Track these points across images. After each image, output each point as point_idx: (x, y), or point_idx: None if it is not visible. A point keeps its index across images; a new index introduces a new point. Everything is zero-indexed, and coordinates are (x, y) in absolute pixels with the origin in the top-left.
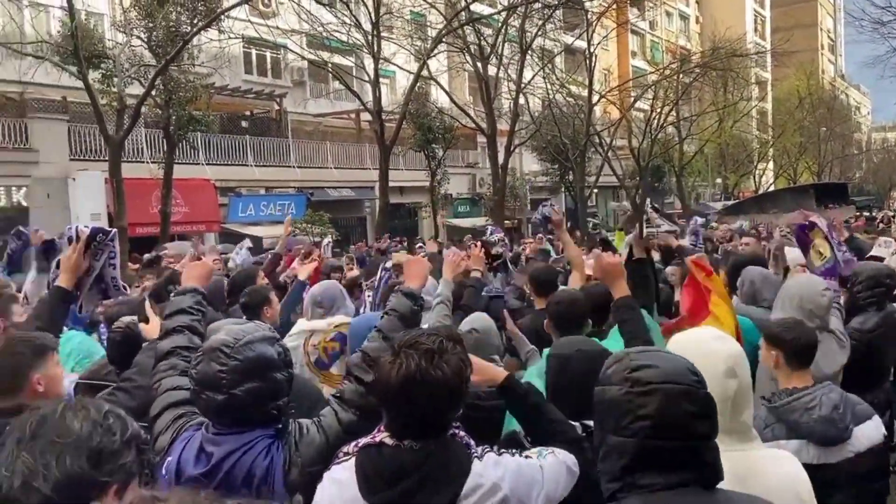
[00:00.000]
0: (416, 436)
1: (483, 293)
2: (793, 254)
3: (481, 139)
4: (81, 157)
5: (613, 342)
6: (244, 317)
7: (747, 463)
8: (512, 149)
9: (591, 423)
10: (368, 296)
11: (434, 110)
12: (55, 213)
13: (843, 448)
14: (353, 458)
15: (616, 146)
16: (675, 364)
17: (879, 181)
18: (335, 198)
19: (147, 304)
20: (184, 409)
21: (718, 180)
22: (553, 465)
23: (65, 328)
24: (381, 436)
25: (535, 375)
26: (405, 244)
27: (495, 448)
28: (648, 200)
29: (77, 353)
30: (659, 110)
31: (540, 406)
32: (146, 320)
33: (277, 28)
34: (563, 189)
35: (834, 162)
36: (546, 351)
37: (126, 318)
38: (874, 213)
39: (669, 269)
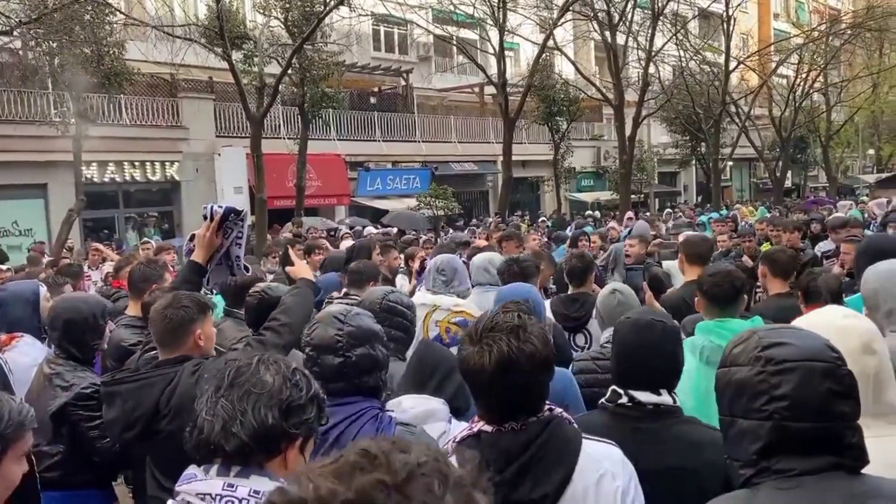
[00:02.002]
0: (515, 417)
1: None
2: None
3: (607, 111)
4: (226, 134)
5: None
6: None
7: None
8: (640, 120)
9: (636, 394)
10: None
11: (559, 82)
12: (203, 186)
13: None
14: (454, 456)
15: (754, 115)
16: (812, 341)
17: None
18: (458, 172)
19: (291, 250)
20: None
21: (871, 151)
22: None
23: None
24: (478, 426)
25: (694, 354)
26: (526, 218)
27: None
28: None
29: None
30: (804, 76)
31: None
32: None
33: (406, 3)
34: (693, 161)
35: None
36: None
37: (261, 284)
38: None
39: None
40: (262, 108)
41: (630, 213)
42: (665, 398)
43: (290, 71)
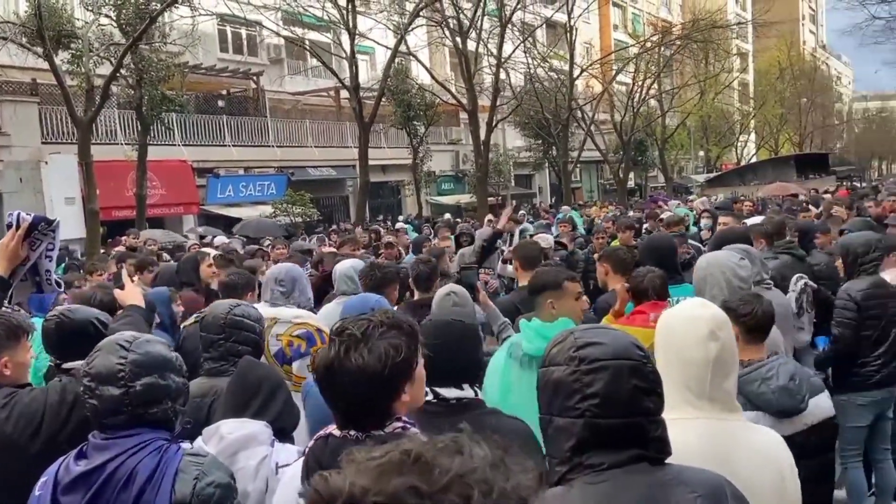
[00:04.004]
0: (356, 425)
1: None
2: None
3: (463, 115)
4: (54, 140)
5: None
6: None
7: (728, 433)
8: (494, 124)
9: (441, 390)
10: None
11: (414, 87)
12: (28, 198)
13: (798, 420)
14: (300, 462)
15: (599, 120)
16: (621, 340)
17: (861, 151)
18: (316, 177)
19: (124, 270)
20: None
21: (701, 153)
22: None
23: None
24: (331, 427)
25: (504, 350)
26: (388, 223)
27: None
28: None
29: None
30: (640, 83)
31: None
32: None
33: (250, 4)
34: (546, 164)
35: (815, 133)
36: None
37: (59, 308)
38: (854, 184)
39: None
40: (91, 111)
41: (490, 216)
42: (468, 392)
43: (125, 72)
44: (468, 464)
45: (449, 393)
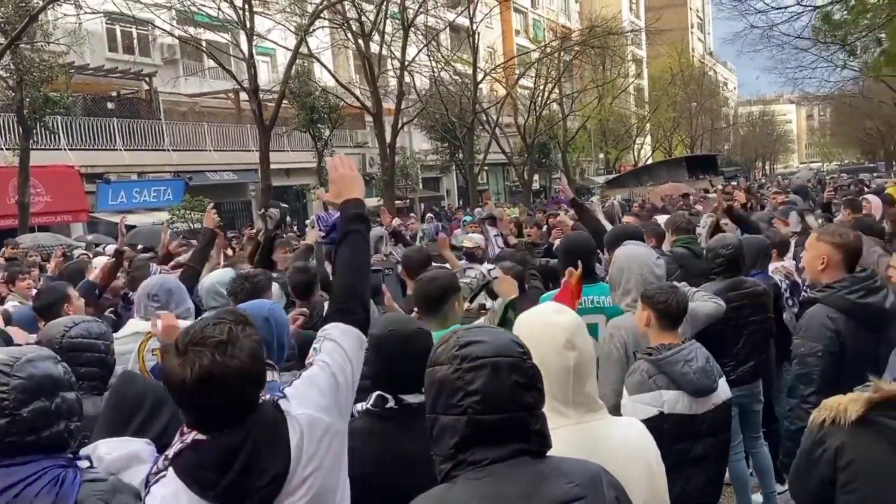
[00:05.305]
0: (227, 425)
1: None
2: None
3: (369, 118)
4: None
5: None
6: None
7: (594, 433)
8: (399, 127)
9: (405, 397)
10: None
11: (317, 89)
12: None
13: (709, 399)
14: (169, 471)
15: (503, 123)
16: (501, 338)
17: (746, 152)
18: (216, 181)
19: None
20: None
21: (601, 155)
22: (333, 349)
23: None
24: (191, 436)
25: None
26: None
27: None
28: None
29: None
30: (542, 87)
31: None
32: None
33: (140, 2)
34: (453, 167)
35: (704, 135)
36: None
37: None
38: (740, 182)
39: None
40: None
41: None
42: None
43: (3, 73)
44: None
45: (413, 399)
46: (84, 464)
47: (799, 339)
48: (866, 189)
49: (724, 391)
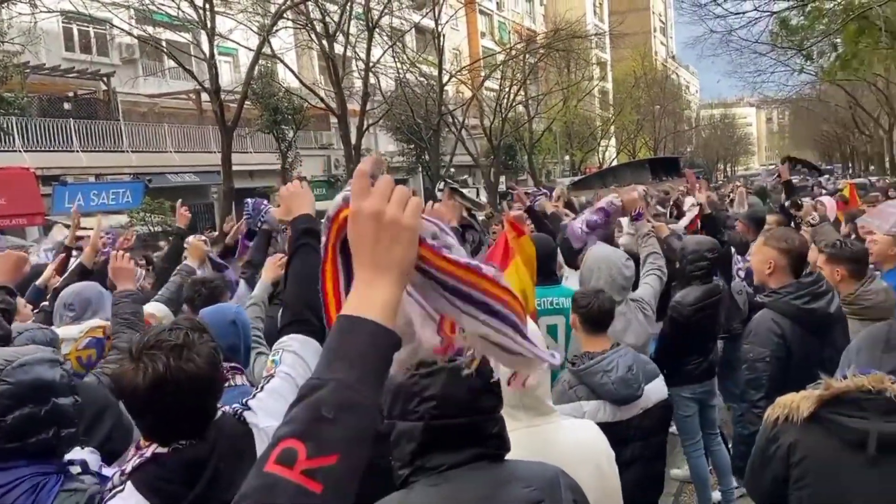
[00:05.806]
0: (187, 435)
1: None
2: None
3: (334, 120)
4: None
5: None
6: None
7: (544, 436)
8: (364, 129)
9: None
10: None
11: (281, 90)
12: None
13: (635, 405)
14: (128, 485)
15: (469, 125)
16: None
17: (708, 154)
18: (177, 183)
19: None
20: None
21: (567, 157)
22: (294, 361)
23: None
24: (150, 450)
25: None
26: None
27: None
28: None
29: None
30: (508, 90)
31: None
32: None
33: (98, 1)
34: (419, 169)
35: (668, 138)
36: None
37: None
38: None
39: None
40: None
41: None
42: None
43: None
44: None
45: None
46: (76, 469)
47: (748, 345)
48: (823, 192)
49: (655, 394)
